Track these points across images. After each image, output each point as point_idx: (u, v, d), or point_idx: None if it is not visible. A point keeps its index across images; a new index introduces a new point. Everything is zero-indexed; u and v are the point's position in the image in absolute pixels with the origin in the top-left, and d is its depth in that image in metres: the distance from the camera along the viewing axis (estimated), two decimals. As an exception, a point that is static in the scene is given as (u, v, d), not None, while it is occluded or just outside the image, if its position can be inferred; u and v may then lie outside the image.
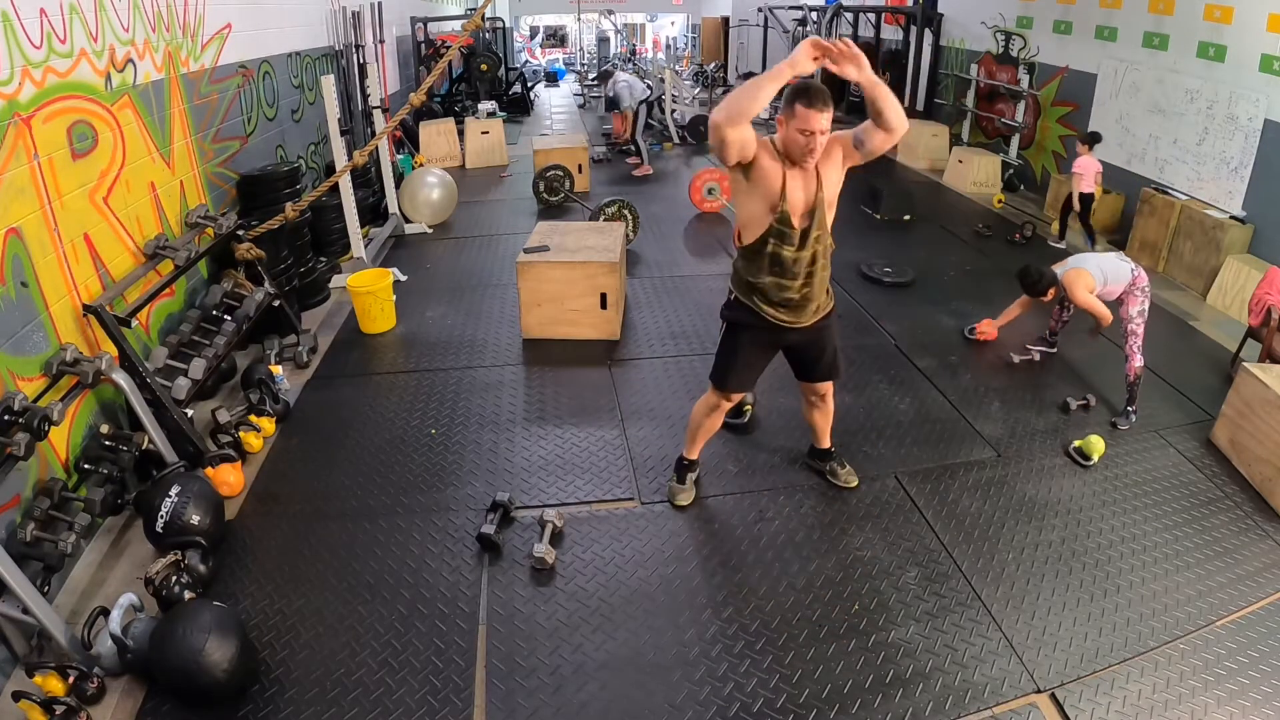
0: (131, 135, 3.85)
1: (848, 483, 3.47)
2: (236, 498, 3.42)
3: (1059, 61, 7.99)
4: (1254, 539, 3.19)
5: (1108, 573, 2.99)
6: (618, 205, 6.54)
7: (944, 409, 4.12)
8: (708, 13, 21.91)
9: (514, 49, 21.22)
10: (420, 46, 12.48)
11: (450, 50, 6.41)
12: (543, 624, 2.75)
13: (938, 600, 2.85)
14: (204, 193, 4.67)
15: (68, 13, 3.36)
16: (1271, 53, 5.45)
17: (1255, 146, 5.58)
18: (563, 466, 3.63)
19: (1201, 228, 5.85)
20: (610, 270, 4.67)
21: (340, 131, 5.88)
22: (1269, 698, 2.47)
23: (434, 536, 3.19)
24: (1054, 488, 3.49)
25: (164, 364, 3.64)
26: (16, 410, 2.71)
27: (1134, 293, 3.98)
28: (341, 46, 7.68)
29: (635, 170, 9.36)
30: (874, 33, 12.39)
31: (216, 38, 4.98)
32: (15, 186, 2.93)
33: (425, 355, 4.75)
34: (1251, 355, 4.36)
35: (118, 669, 2.54)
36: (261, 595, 2.89)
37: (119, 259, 3.67)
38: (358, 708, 2.44)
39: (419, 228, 7.14)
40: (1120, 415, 3.98)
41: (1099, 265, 4.04)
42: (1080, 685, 2.51)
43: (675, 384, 4.36)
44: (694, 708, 2.43)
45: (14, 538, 2.70)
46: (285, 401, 4.10)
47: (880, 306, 5.39)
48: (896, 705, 2.45)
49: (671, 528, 3.23)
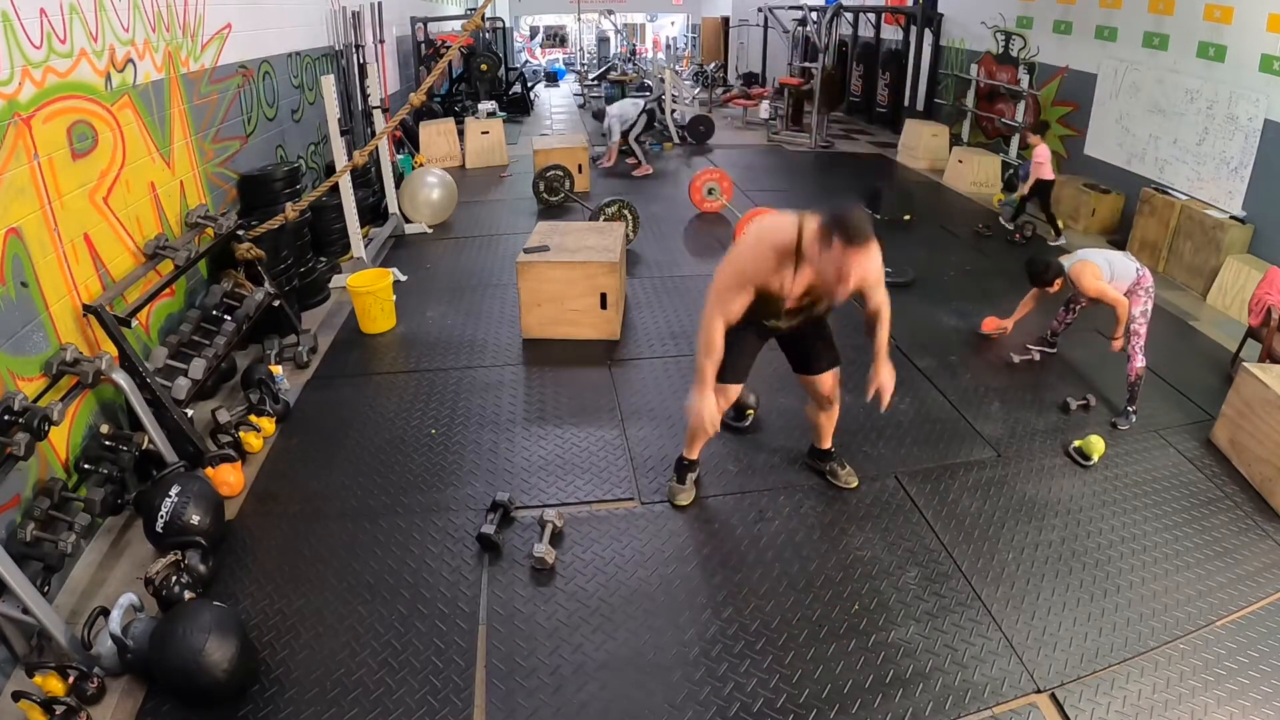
0: (131, 135, 3.85)
1: (848, 483, 3.46)
2: (236, 498, 3.42)
3: (1059, 61, 7.99)
4: (1254, 539, 3.19)
5: (1108, 573, 2.99)
6: (618, 205, 6.54)
7: (944, 409, 4.12)
8: (708, 13, 21.92)
9: (514, 49, 21.22)
10: (420, 46, 12.48)
11: (450, 50, 6.41)
12: (543, 624, 2.75)
13: (938, 600, 2.85)
14: (204, 193, 4.67)
15: (68, 13, 3.36)
16: (1271, 53, 5.45)
17: (1255, 146, 5.58)
18: (563, 466, 3.63)
19: (1201, 228, 5.84)
20: (610, 270, 4.67)
21: (340, 131, 5.88)
22: (1269, 698, 2.47)
23: (434, 536, 3.19)
24: (1054, 488, 3.49)
25: (164, 364, 3.63)
26: (16, 410, 2.71)
27: (1138, 292, 3.97)
28: (341, 46, 7.68)
29: (635, 171, 9.35)
30: (874, 33, 12.40)
31: (216, 38, 4.98)
32: (15, 186, 2.93)
33: (425, 355, 4.75)
34: (1251, 355, 4.36)
35: (118, 669, 2.54)
36: (261, 595, 2.89)
37: (119, 259, 3.67)
38: (358, 708, 2.44)
39: (419, 228, 7.14)
40: (1121, 415, 3.98)
41: (1106, 259, 4.02)
42: (1080, 685, 2.51)
43: (675, 384, 4.36)
44: (694, 708, 2.43)
45: (14, 538, 2.70)
46: (285, 401, 4.10)
47: (880, 306, 5.38)
48: (896, 705, 2.45)
49: (671, 528, 3.23)
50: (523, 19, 26.61)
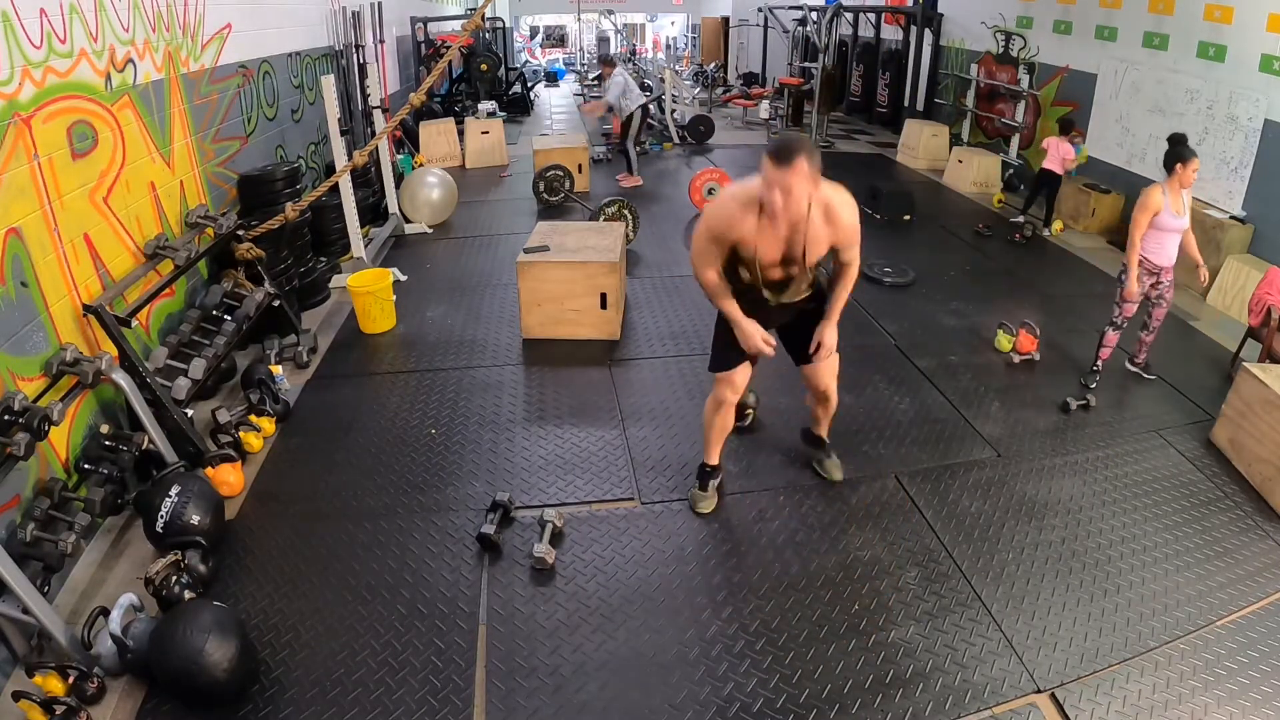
0: (131, 135, 3.85)
1: (831, 475, 3.50)
2: (236, 498, 3.42)
3: (1059, 61, 7.99)
4: (1254, 539, 3.19)
5: (1108, 573, 2.99)
6: (618, 205, 6.54)
7: (944, 409, 4.12)
8: (708, 13, 21.93)
9: (514, 49, 21.21)
10: (420, 46, 12.49)
11: (450, 50, 6.41)
12: (543, 624, 2.75)
13: (938, 600, 2.85)
14: (204, 193, 4.67)
15: (68, 13, 3.36)
16: (1271, 53, 5.45)
17: (1255, 146, 5.59)
18: (563, 466, 3.63)
19: (1202, 228, 5.83)
20: (610, 270, 4.67)
21: (340, 131, 5.87)
22: (1269, 698, 2.47)
23: (434, 536, 3.19)
24: (1054, 488, 3.49)
25: (164, 364, 3.63)
26: (16, 410, 2.71)
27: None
28: (341, 46, 7.68)
29: (622, 182, 8.79)
30: (874, 32, 12.40)
31: (216, 38, 4.98)
32: (15, 186, 2.93)
33: (425, 355, 4.75)
34: (1251, 355, 4.36)
35: (118, 669, 2.53)
36: (261, 595, 2.89)
37: (119, 259, 3.67)
38: (358, 708, 2.44)
39: (419, 228, 7.14)
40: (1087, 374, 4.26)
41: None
42: (1080, 685, 2.51)
43: (675, 384, 4.36)
44: (694, 708, 2.43)
45: (14, 538, 2.70)
46: (285, 401, 4.10)
47: (880, 306, 5.38)
48: (896, 705, 2.45)
49: (671, 528, 3.23)
50: (523, 19, 26.61)
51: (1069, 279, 6.11)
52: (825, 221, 2.70)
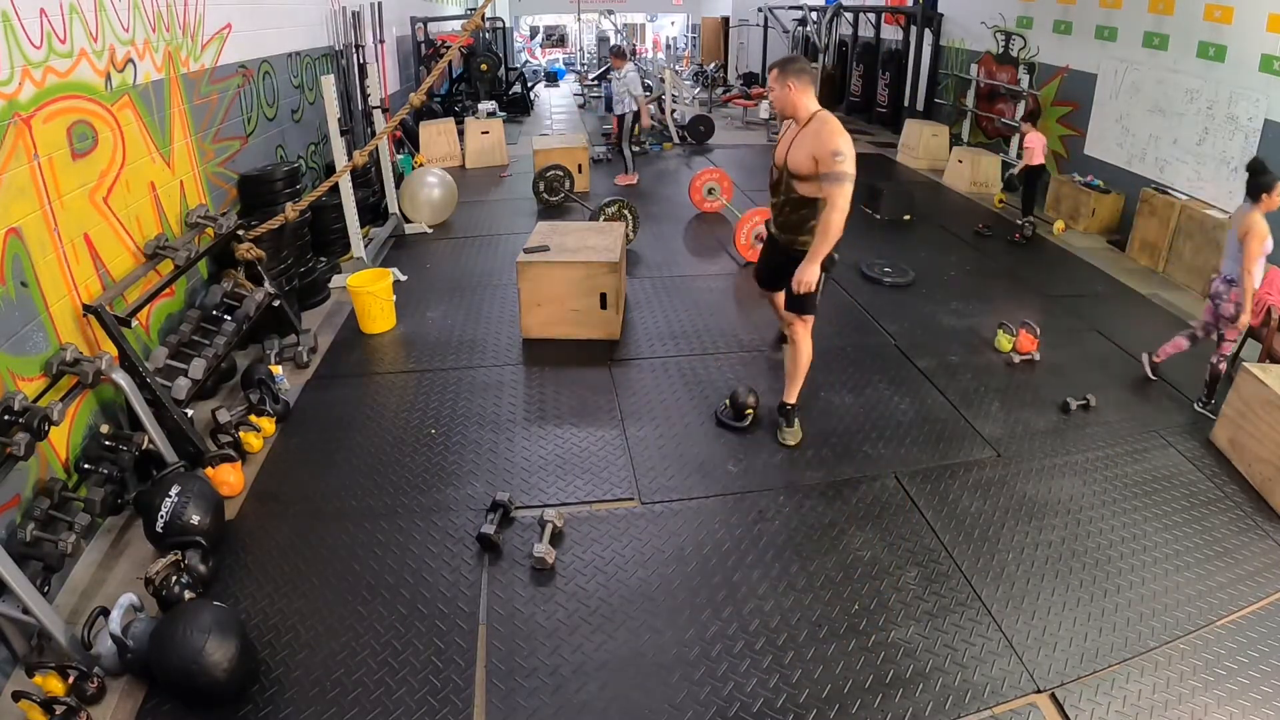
0: (131, 135, 3.85)
1: (784, 440, 3.73)
2: (236, 498, 3.42)
3: (1059, 61, 7.99)
4: (1254, 539, 3.19)
5: (1108, 573, 2.99)
6: (618, 205, 6.54)
7: (944, 409, 4.11)
8: (708, 13, 21.93)
9: (514, 49, 21.22)
10: (420, 46, 12.49)
11: (450, 50, 6.41)
12: (543, 624, 2.75)
13: (938, 600, 2.85)
14: (204, 193, 4.67)
15: (68, 13, 3.36)
16: (1271, 53, 5.45)
17: (1255, 146, 5.58)
18: (563, 466, 3.63)
19: (1202, 228, 5.84)
20: (610, 270, 4.67)
21: (340, 131, 5.87)
22: (1269, 698, 2.47)
23: (434, 536, 3.19)
24: (1054, 488, 3.49)
25: (164, 364, 3.63)
26: (16, 410, 2.71)
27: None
28: (341, 46, 7.68)
29: (619, 181, 8.90)
30: (874, 32, 12.39)
31: (216, 38, 4.98)
32: (15, 186, 2.93)
33: (425, 355, 4.75)
34: (1251, 355, 4.36)
35: (118, 669, 2.54)
36: (261, 595, 2.89)
37: (119, 259, 3.67)
38: (358, 708, 2.44)
39: (419, 228, 7.14)
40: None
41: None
42: (1080, 685, 2.51)
43: (675, 384, 4.36)
44: (694, 708, 2.43)
45: (14, 538, 2.70)
46: (285, 401, 4.10)
47: (880, 306, 5.38)
48: (896, 705, 2.45)
49: (671, 528, 3.23)
50: (523, 19, 26.61)
51: (1069, 279, 6.11)
52: (814, 136, 3.19)
